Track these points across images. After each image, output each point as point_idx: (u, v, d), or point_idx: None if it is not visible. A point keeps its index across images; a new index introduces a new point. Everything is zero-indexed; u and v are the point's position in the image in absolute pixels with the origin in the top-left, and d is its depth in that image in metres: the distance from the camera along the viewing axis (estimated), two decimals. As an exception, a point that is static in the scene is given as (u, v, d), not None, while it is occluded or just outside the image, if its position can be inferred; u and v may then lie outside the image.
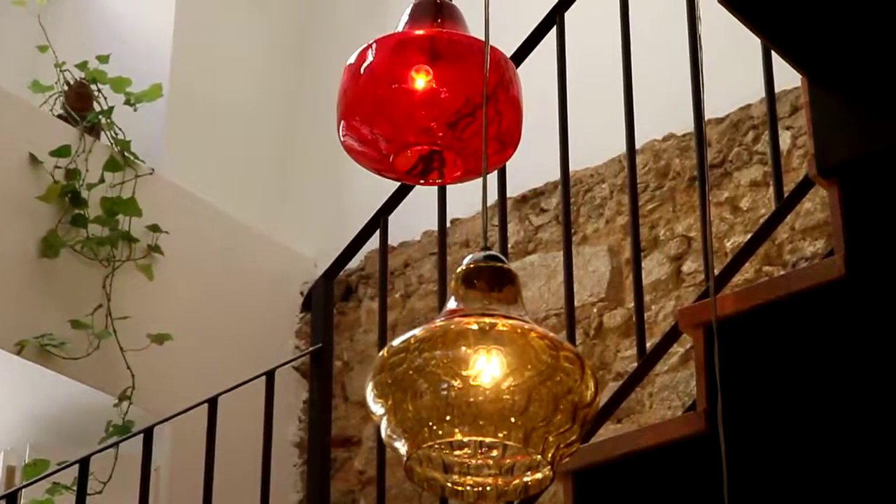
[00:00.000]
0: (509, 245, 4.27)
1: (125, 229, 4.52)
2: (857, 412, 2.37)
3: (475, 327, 1.64)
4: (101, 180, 4.51)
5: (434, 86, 2.10)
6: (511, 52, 3.31)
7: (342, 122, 2.15)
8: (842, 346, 2.42)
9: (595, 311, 4.29)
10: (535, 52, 3.51)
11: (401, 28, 2.16)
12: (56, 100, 4.73)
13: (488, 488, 1.71)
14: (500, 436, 1.62)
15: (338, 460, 4.72)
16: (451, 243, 4.55)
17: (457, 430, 1.62)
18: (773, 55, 3.03)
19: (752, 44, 3.14)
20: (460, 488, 1.72)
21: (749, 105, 4.13)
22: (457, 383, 1.61)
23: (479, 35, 2.02)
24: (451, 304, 1.70)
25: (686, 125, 4.10)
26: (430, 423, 1.62)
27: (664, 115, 4.16)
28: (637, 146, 3.42)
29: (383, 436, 1.67)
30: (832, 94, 2.54)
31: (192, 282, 4.73)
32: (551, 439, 1.63)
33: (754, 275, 3.93)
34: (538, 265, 4.48)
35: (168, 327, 4.49)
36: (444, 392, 1.61)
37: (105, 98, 4.73)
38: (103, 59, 4.76)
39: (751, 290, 2.70)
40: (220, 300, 4.80)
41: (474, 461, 1.71)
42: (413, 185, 3.41)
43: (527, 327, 1.64)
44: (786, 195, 3.17)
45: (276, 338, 4.90)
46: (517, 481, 1.71)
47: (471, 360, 1.62)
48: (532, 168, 3.97)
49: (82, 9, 5.31)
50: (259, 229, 5.03)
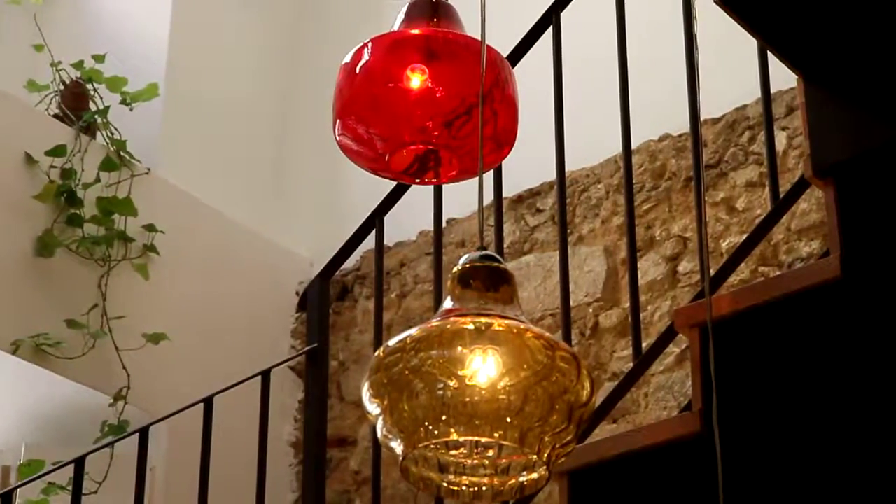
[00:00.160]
0: (505, 245, 4.27)
1: (121, 229, 4.51)
2: (852, 412, 2.37)
3: (471, 327, 1.63)
4: (97, 180, 4.51)
5: (430, 85, 2.10)
6: (507, 51, 3.31)
7: (338, 122, 2.14)
8: (837, 347, 2.42)
9: (591, 311, 4.29)
10: (531, 51, 3.51)
11: (397, 27, 2.16)
12: (52, 99, 4.72)
13: (484, 488, 1.71)
14: (496, 436, 1.62)
15: (333, 460, 4.72)
16: (447, 243, 4.54)
17: (453, 430, 1.62)
18: (769, 56, 3.03)
19: (748, 44, 3.14)
20: (456, 488, 1.72)
21: (745, 105, 4.12)
22: (453, 383, 1.61)
23: (476, 34, 2.02)
24: (447, 303, 1.70)
25: (682, 125, 4.11)
26: (426, 423, 1.62)
27: (660, 116, 4.16)
28: (633, 146, 3.42)
29: (379, 436, 1.67)
30: (828, 94, 2.54)
31: (187, 281, 4.72)
32: (547, 439, 1.63)
33: (750, 275, 3.93)
34: (534, 265, 4.48)
35: (164, 327, 4.49)
36: (440, 392, 1.61)
37: (101, 98, 4.73)
38: (99, 59, 4.75)
39: (746, 290, 2.69)
40: (216, 300, 4.79)
41: (470, 461, 1.71)
42: (409, 185, 3.41)
43: (523, 327, 1.64)
44: (782, 196, 3.17)
45: (272, 337, 4.90)
46: (513, 481, 1.71)
47: (467, 360, 1.62)
48: (528, 168, 3.97)
49: (78, 8, 5.30)
50: (255, 229, 5.02)
